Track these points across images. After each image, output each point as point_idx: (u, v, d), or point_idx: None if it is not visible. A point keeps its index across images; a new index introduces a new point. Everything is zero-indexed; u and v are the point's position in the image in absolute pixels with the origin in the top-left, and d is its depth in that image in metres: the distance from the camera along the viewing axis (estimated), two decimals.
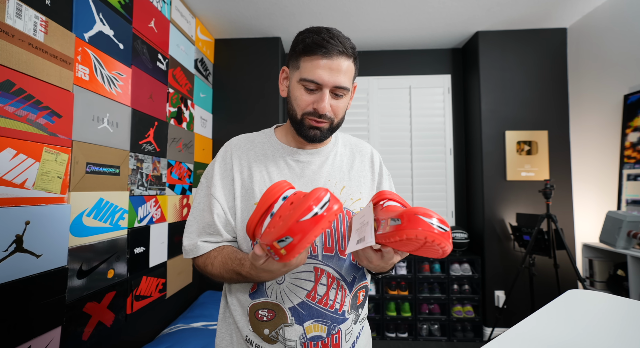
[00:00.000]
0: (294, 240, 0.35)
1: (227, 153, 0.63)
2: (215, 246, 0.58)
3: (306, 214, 0.34)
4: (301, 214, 0.34)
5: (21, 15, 0.86)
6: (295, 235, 0.35)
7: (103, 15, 1.16)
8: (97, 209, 1.12)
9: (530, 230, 1.80)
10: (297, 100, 0.58)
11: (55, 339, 0.93)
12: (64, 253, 0.97)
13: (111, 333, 1.19)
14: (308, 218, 0.34)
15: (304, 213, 0.34)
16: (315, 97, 0.56)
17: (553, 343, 0.56)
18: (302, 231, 0.35)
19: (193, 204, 0.62)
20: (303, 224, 0.34)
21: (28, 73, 0.87)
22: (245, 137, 0.66)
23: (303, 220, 0.34)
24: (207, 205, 0.59)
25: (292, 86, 0.59)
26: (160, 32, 1.55)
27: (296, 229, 0.35)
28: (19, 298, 0.83)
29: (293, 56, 0.59)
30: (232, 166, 0.61)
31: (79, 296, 1.03)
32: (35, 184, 0.89)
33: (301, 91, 0.57)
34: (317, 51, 0.54)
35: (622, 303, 0.75)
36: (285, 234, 0.35)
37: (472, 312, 2.03)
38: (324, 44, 0.54)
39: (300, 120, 0.58)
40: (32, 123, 0.88)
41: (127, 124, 1.29)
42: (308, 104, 0.57)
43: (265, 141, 0.65)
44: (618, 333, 0.60)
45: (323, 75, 0.54)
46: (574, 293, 0.81)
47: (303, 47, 0.55)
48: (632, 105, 1.61)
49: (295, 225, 0.34)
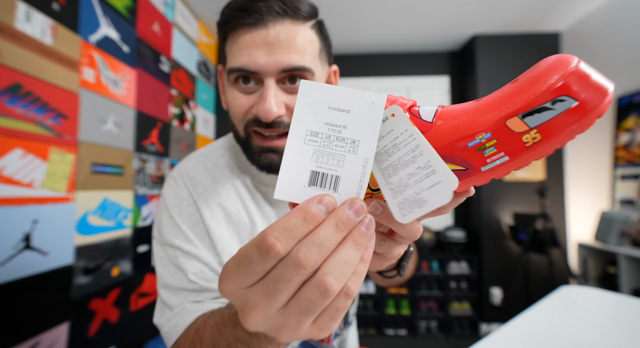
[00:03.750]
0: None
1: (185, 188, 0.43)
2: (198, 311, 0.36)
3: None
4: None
5: (30, 20, 0.88)
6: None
7: (108, 19, 1.18)
8: (102, 208, 1.15)
9: (526, 229, 1.83)
10: (231, 108, 0.39)
11: (62, 335, 0.96)
12: (71, 251, 1.00)
13: (116, 329, 1.21)
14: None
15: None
16: (254, 97, 0.37)
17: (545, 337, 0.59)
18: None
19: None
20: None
21: (36, 76, 0.89)
22: (201, 164, 0.45)
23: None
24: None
25: (226, 89, 0.40)
26: (164, 35, 1.57)
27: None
28: (28, 294, 0.85)
29: (220, 44, 0.40)
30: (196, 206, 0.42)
31: (85, 293, 1.05)
32: (42, 184, 0.91)
33: (234, 92, 0.38)
34: (241, 19, 0.34)
35: (611, 298, 0.78)
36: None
37: (469, 309, 2.07)
38: (252, 6, 0.34)
39: (245, 139, 0.40)
40: (39, 124, 0.90)
41: (131, 125, 1.31)
42: (245, 110, 0.38)
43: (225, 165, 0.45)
44: (606, 326, 0.64)
45: (256, 55, 0.34)
46: (566, 289, 0.85)
47: (222, 20, 0.37)
48: (623, 107, 1.65)
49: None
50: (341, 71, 2.43)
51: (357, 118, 0.20)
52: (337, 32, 2.14)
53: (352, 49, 2.41)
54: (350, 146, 0.20)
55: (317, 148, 0.20)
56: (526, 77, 0.19)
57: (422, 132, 0.20)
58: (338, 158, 0.20)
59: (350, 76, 2.44)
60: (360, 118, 0.20)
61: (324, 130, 0.20)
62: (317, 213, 0.17)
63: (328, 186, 0.19)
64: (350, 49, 2.41)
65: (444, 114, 0.21)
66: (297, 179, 0.19)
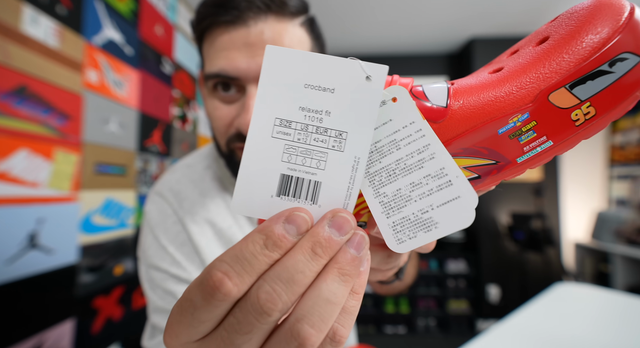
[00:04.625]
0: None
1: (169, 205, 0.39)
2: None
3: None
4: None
5: (36, 23, 0.90)
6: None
7: (112, 21, 1.20)
8: (106, 208, 1.16)
9: (522, 228, 1.86)
10: (212, 119, 0.35)
11: (66, 332, 0.97)
12: (75, 250, 1.01)
13: (119, 327, 1.23)
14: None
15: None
16: (236, 107, 0.32)
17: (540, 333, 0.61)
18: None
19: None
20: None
21: (42, 77, 0.91)
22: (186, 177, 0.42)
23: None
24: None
25: (205, 98, 0.36)
26: (166, 37, 1.59)
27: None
28: (33, 293, 0.87)
29: (198, 47, 0.36)
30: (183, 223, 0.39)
31: (89, 291, 1.07)
32: (47, 184, 0.93)
33: (214, 101, 0.34)
34: (218, 16, 0.30)
35: (604, 295, 0.80)
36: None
37: (467, 307, 2.09)
38: (229, 0, 0.30)
39: (229, 154, 0.35)
40: (44, 125, 0.92)
41: (133, 126, 1.33)
42: (228, 122, 0.33)
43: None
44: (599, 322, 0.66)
45: (236, 58, 0.30)
46: (560, 287, 0.87)
47: (196, 18, 0.33)
48: None
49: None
50: None
51: (345, 100, 0.14)
52: (334, 33, 2.15)
53: (349, 51, 2.43)
54: (335, 141, 0.14)
55: (289, 143, 0.14)
56: (564, 32, 0.14)
57: (433, 120, 0.15)
58: (318, 157, 0.14)
59: None
60: (349, 100, 0.14)
61: (298, 118, 0.14)
62: (283, 235, 0.12)
63: (304, 195, 0.14)
64: (347, 51, 2.43)
65: (459, 91, 0.16)
66: (262, 187, 0.14)
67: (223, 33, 0.30)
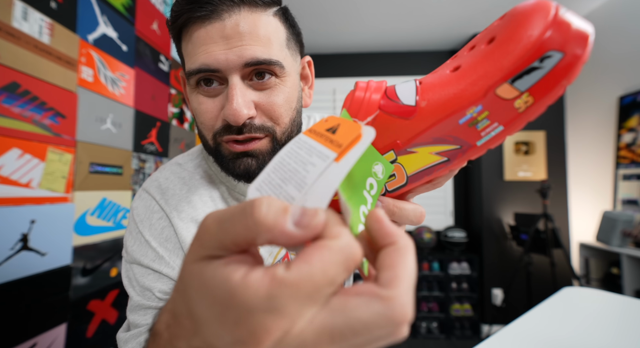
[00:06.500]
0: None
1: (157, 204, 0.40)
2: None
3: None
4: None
5: (27, 18, 0.87)
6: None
7: (106, 17, 1.18)
8: (101, 208, 1.14)
9: (527, 229, 1.82)
10: (197, 115, 0.35)
11: (60, 336, 0.95)
12: (69, 251, 0.99)
13: (114, 330, 1.20)
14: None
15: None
16: (220, 99, 0.33)
17: (547, 339, 0.58)
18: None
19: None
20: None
21: (33, 75, 0.89)
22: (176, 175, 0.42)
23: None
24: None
25: (189, 97, 0.36)
26: (163, 34, 1.57)
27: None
28: (25, 295, 0.84)
29: (176, 47, 0.37)
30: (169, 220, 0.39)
31: (83, 294, 1.04)
32: (40, 184, 0.90)
33: (198, 97, 0.34)
34: (192, 12, 0.31)
35: (614, 300, 0.77)
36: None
37: (470, 310, 2.06)
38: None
39: (215, 148, 0.36)
40: (37, 124, 0.90)
41: (130, 125, 1.30)
42: (214, 115, 0.34)
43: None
44: (608, 328, 0.63)
45: (214, 51, 0.31)
46: (569, 290, 0.84)
47: (172, 17, 0.33)
48: (626, 106, 1.63)
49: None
50: (340, 71, 2.42)
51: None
52: (336, 30, 2.13)
53: (352, 48, 2.40)
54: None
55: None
56: (505, 34, 0.17)
57: (405, 117, 0.19)
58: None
59: (350, 75, 2.44)
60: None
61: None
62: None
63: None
64: (349, 48, 2.40)
65: (425, 89, 0.19)
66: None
67: (199, 28, 0.32)
